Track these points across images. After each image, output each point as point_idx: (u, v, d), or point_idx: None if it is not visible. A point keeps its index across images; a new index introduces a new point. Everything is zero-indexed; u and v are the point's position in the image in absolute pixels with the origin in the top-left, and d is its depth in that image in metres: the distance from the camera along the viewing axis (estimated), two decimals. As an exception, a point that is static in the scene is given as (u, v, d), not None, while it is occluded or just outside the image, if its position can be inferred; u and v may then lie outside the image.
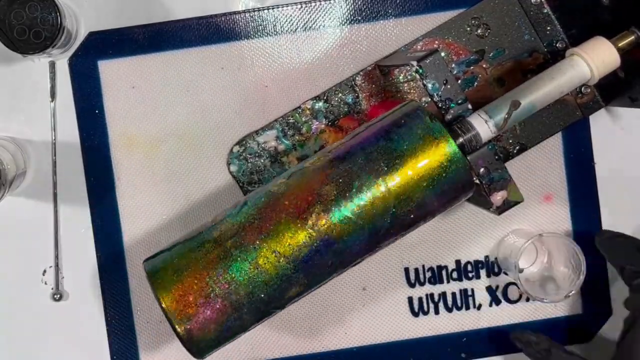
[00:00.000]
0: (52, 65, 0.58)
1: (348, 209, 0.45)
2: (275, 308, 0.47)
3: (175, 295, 0.45)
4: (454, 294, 0.60)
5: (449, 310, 0.60)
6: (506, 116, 0.48)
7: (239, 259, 0.45)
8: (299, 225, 0.45)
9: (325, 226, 0.45)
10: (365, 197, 0.45)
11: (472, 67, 0.59)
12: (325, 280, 0.47)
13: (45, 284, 0.60)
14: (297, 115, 0.59)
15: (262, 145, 0.59)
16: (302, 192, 0.46)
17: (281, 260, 0.45)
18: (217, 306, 0.45)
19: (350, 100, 0.59)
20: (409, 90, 0.58)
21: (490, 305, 0.61)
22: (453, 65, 0.59)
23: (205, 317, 0.45)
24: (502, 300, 0.61)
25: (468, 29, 0.59)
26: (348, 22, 0.59)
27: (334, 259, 0.46)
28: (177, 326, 0.45)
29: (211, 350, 0.47)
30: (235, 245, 0.45)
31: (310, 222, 0.45)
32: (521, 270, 0.59)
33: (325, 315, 0.60)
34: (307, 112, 0.59)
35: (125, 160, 0.59)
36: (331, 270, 0.47)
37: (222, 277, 0.45)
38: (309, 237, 0.45)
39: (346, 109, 0.59)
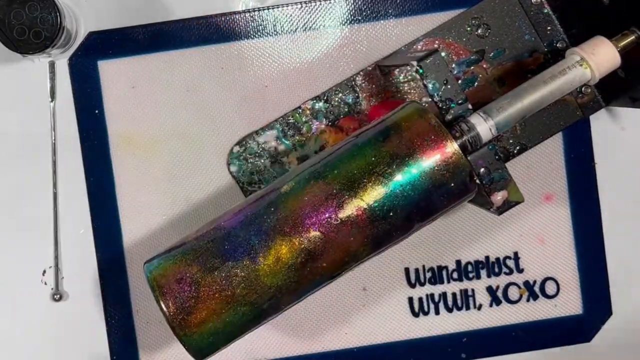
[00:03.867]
0: (52, 65, 0.58)
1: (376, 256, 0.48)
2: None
3: (205, 349, 0.46)
4: (454, 294, 0.60)
5: (449, 310, 0.60)
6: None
7: (270, 316, 0.47)
8: (330, 281, 0.47)
9: (347, 271, 0.48)
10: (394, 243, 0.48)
11: (472, 67, 0.59)
12: None
13: (45, 284, 0.59)
14: (297, 115, 0.59)
15: (262, 146, 0.59)
16: (340, 253, 0.46)
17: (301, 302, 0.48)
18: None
19: (350, 100, 0.59)
20: (409, 90, 0.58)
21: (490, 305, 0.61)
22: (453, 65, 0.59)
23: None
24: (502, 300, 0.61)
25: (468, 29, 0.59)
26: (348, 22, 0.59)
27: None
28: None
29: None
30: (272, 307, 0.46)
31: (339, 276, 0.47)
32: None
33: (326, 315, 0.60)
34: (307, 112, 0.59)
35: (125, 160, 0.59)
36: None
37: (252, 328, 0.47)
38: (331, 281, 0.48)
39: (346, 109, 0.59)
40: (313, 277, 0.46)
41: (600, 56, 0.48)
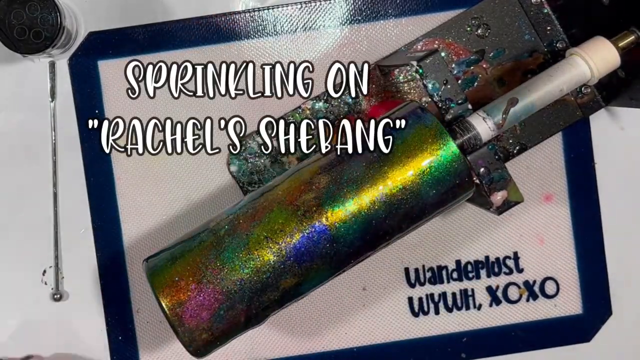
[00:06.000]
0: (52, 65, 0.58)
1: (339, 195, 0.46)
2: (271, 301, 0.47)
3: (170, 285, 0.46)
4: (454, 294, 0.60)
5: (449, 310, 0.60)
6: (504, 115, 0.48)
7: (231, 245, 0.46)
8: (290, 211, 0.46)
9: (317, 212, 0.46)
10: (356, 186, 0.46)
11: (472, 67, 0.59)
12: (322, 275, 0.47)
13: (45, 284, 0.60)
14: (297, 115, 0.59)
15: (262, 146, 0.59)
16: (296, 182, 0.47)
17: (273, 247, 0.46)
18: (209, 291, 0.45)
19: (350, 100, 0.59)
20: (409, 91, 0.58)
21: (490, 305, 0.61)
22: (453, 65, 0.59)
23: (197, 302, 0.45)
24: (502, 300, 0.61)
25: (468, 29, 0.59)
26: (348, 22, 0.59)
27: (328, 248, 0.46)
28: (177, 327, 0.45)
29: (210, 348, 0.47)
30: (229, 233, 0.47)
31: (302, 209, 0.46)
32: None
33: (325, 315, 0.60)
34: (307, 112, 0.59)
35: (125, 160, 0.59)
36: (326, 261, 0.46)
37: (213, 263, 0.46)
38: (300, 222, 0.46)
39: (346, 109, 0.59)
40: (269, 205, 0.47)
41: (600, 56, 0.48)
